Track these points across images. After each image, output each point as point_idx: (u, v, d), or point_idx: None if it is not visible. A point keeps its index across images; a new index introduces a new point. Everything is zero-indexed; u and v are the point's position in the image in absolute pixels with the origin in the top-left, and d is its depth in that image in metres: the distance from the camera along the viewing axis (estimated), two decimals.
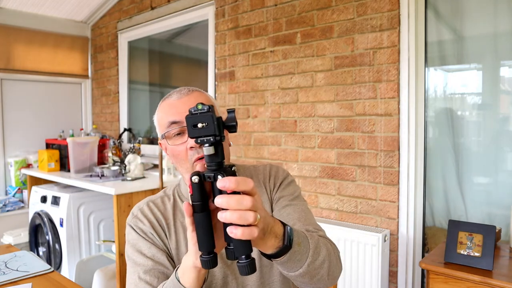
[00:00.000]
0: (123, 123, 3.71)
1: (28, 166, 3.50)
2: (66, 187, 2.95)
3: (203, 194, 0.64)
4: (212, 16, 2.78)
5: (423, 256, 1.98)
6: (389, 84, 1.94)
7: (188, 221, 0.67)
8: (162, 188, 2.54)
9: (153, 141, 3.56)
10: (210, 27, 2.82)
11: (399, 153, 1.93)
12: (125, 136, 3.62)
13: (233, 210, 0.58)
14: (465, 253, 1.48)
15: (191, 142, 0.88)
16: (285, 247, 0.69)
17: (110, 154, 3.15)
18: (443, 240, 1.85)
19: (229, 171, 0.63)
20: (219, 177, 0.60)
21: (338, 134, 2.13)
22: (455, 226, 1.54)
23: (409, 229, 1.92)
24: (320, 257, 0.78)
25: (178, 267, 0.79)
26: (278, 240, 0.67)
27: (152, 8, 3.26)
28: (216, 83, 2.76)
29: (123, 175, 2.85)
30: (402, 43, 1.90)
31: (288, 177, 1.04)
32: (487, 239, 1.46)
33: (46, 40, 3.72)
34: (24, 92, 3.61)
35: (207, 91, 2.87)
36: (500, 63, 1.82)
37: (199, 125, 0.61)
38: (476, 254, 1.46)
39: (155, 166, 3.18)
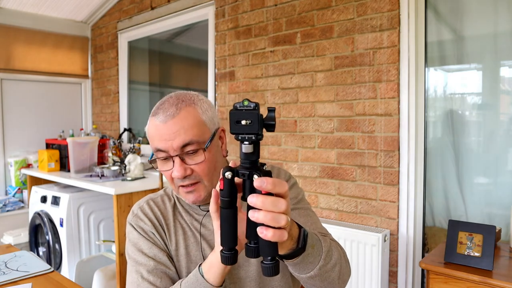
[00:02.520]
0: (123, 123, 3.71)
1: (28, 166, 3.50)
2: (66, 187, 2.95)
3: (233, 190, 0.64)
4: (212, 16, 2.78)
5: (423, 256, 1.98)
6: (389, 84, 1.94)
7: (214, 215, 0.69)
8: (162, 188, 2.54)
9: None
10: (210, 27, 2.82)
11: (399, 153, 1.93)
12: (125, 136, 3.62)
13: (266, 211, 0.57)
14: (465, 253, 1.48)
15: (175, 172, 0.87)
16: (299, 249, 0.69)
17: (110, 154, 3.15)
18: (443, 240, 1.85)
19: (264, 170, 0.62)
20: (255, 176, 0.60)
21: (338, 134, 2.13)
22: (455, 226, 1.54)
23: (409, 229, 1.92)
24: (332, 261, 0.77)
25: (201, 264, 0.80)
26: (293, 242, 0.68)
27: (152, 8, 3.26)
28: (216, 83, 2.76)
29: (123, 175, 2.85)
30: (402, 43, 1.90)
31: (290, 179, 1.02)
32: (487, 239, 1.46)
33: (46, 40, 3.72)
34: (24, 92, 3.61)
35: (207, 91, 2.87)
36: (500, 63, 1.82)
37: (243, 122, 0.59)
38: (476, 254, 1.46)
39: None
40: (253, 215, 0.58)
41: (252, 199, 0.58)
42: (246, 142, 0.60)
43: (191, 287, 0.79)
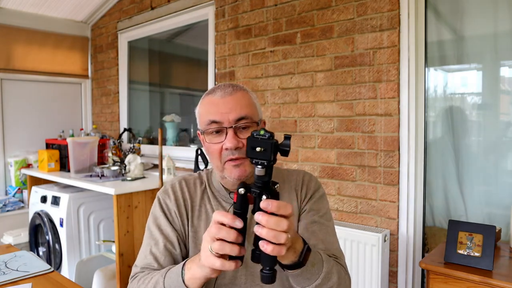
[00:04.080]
0: (123, 123, 3.71)
1: (28, 166, 3.50)
2: (66, 187, 2.95)
3: (245, 205, 0.71)
4: (212, 16, 2.78)
5: (423, 256, 1.98)
6: (389, 84, 1.94)
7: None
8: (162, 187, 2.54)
9: (153, 141, 3.56)
10: (210, 27, 2.82)
11: (399, 153, 1.93)
12: (125, 136, 3.62)
13: (269, 229, 0.66)
14: (465, 253, 1.48)
15: (227, 143, 0.91)
16: (299, 263, 0.76)
17: (110, 154, 3.15)
18: (443, 240, 1.85)
19: (273, 191, 0.69)
20: (264, 197, 0.68)
21: (338, 134, 2.13)
22: (455, 226, 1.54)
23: (409, 229, 1.92)
24: (329, 283, 0.83)
25: (184, 266, 0.83)
26: (295, 255, 0.75)
27: (152, 8, 3.26)
28: (216, 83, 2.76)
29: (123, 175, 2.85)
30: (402, 43, 1.90)
31: (319, 189, 1.06)
32: (487, 239, 1.46)
33: (46, 40, 3.72)
34: (24, 92, 3.61)
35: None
36: (500, 63, 1.82)
37: (257, 148, 0.68)
38: (476, 254, 1.46)
39: (155, 166, 3.18)
40: (257, 230, 0.66)
41: (258, 217, 0.66)
42: (259, 166, 0.68)
43: (173, 284, 0.84)
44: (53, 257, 2.83)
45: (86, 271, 2.67)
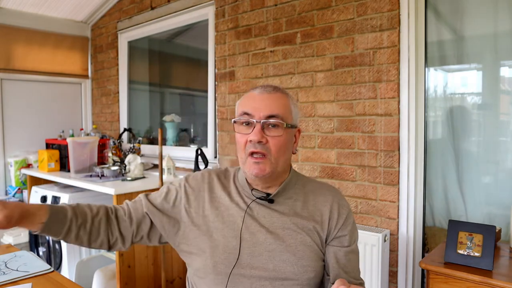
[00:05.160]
0: (123, 123, 3.70)
1: (28, 166, 3.50)
2: (66, 187, 2.95)
3: None
4: (212, 16, 2.78)
5: (423, 256, 1.98)
6: (389, 84, 1.94)
7: None
8: (162, 186, 2.54)
9: (153, 141, 3.56)
10: (210, 27, 2.82)
11: (399, 153, 1.93)
12: (125, 136, 3.62)
13: None
14: (465, 253, 1.48)
15: (252, 136, 0.94)
16: None
17: (110, 154, 3.15)
18: (443, 240, 1.85)
19: None
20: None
21: (338, 134, 2.13)
22: (455, 226, 1.54)
23: (409, 229, 1.92)
24: None
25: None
26: None
27: (152, 8, 3.26)
28: (216, 83, 2.76)
29: (123, 175, 2.85)
30: (402, 43, 1.90)
31: (350, 213, 1.07)
32: (487, 239, 1.46)
33: (46, 40, 3.72)
34: (24, 92, 3.61)
35: (207, 91, 2.87)
36: (500, 63, 1.82)
37: None
38: (476, 254, 1.46)
39: (155, 166, 3.18)
40: None
41: None
42: None
43: None
44: (53, 257, 2.83)
45: (86, 271, 2.67)
